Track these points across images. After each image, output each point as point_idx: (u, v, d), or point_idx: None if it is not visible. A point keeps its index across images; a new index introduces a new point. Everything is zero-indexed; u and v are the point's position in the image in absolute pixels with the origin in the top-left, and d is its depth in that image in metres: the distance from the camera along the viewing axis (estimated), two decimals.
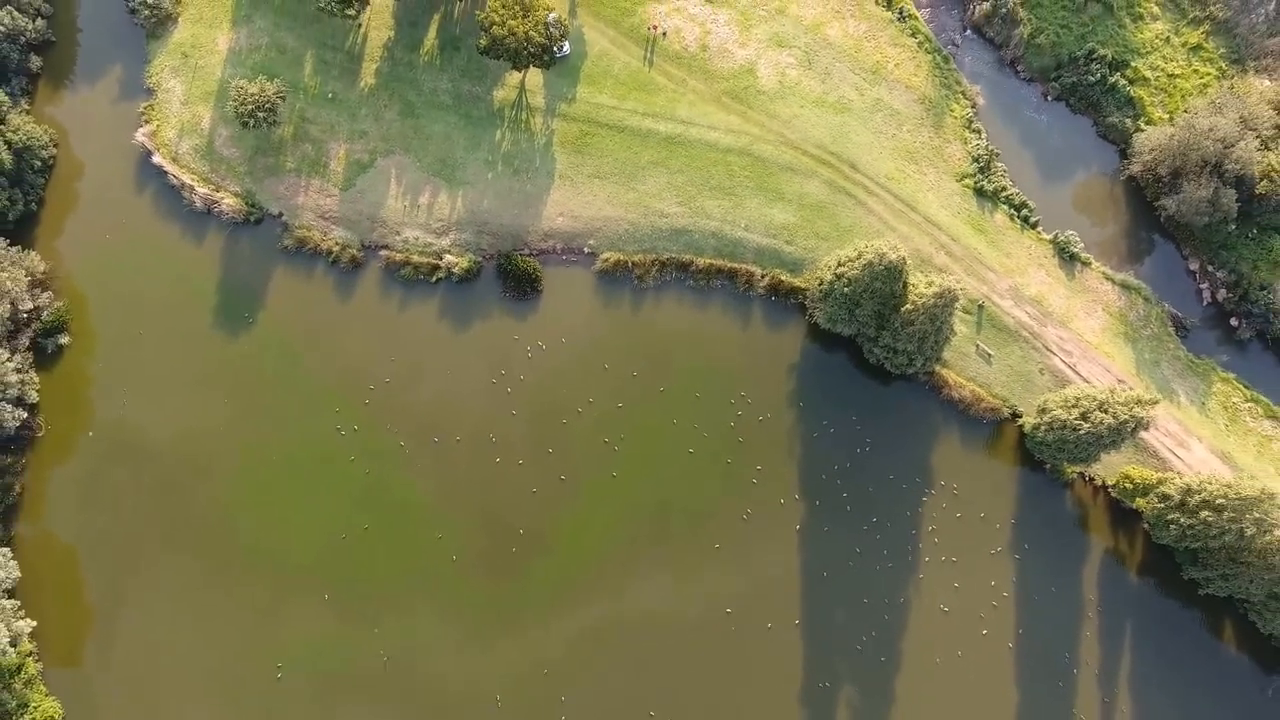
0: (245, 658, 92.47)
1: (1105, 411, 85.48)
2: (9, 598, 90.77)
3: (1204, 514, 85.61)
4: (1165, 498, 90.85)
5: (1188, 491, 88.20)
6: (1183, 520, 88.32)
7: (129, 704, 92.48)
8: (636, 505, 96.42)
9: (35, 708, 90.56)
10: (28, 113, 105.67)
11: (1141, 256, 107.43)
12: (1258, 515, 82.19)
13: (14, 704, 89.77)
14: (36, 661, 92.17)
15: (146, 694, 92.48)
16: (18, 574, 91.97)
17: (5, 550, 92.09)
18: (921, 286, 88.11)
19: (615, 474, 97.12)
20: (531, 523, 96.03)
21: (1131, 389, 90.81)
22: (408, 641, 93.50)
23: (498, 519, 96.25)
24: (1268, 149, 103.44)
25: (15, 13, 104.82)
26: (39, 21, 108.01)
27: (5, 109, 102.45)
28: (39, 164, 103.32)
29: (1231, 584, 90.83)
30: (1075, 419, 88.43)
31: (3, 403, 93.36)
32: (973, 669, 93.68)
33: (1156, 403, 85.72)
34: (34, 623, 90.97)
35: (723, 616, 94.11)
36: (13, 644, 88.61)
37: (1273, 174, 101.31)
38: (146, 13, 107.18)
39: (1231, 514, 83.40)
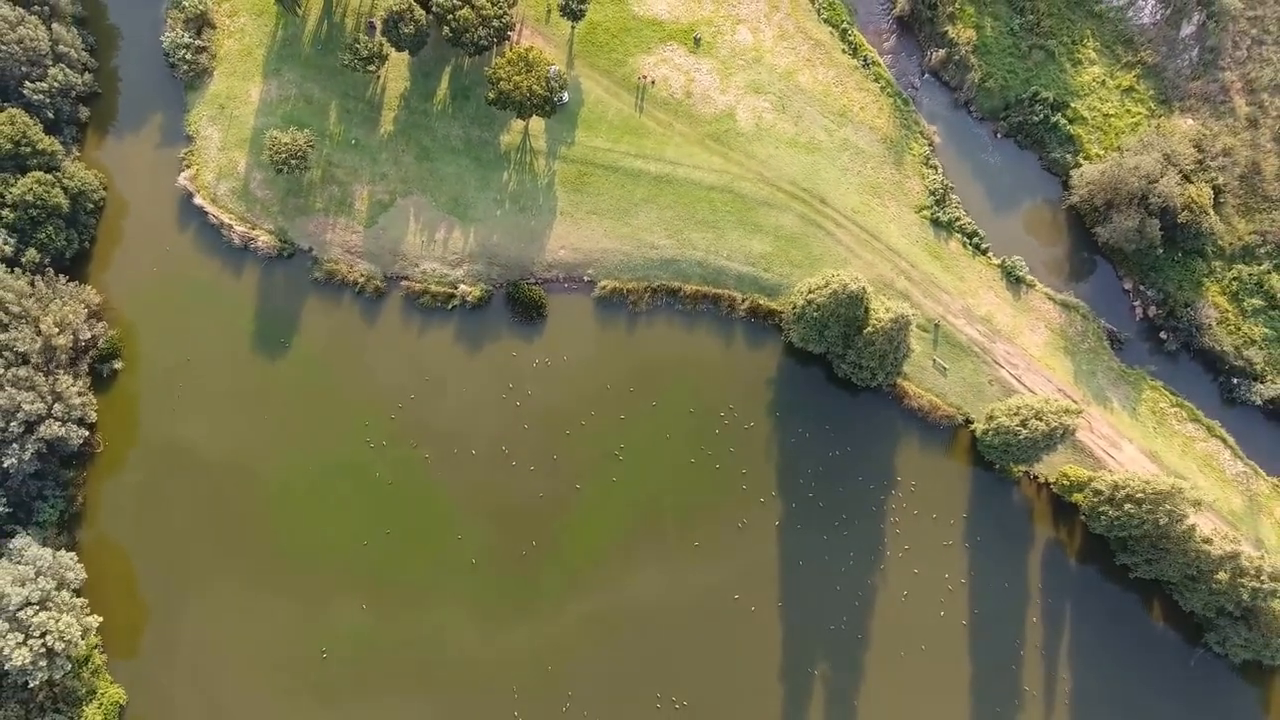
0: (291, 642, 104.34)
1: (1040, 419, 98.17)
2: (77, 596, 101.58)
3: (1127, 506, 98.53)
4: (1097, 493, 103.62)
5: (1115, 487, 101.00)
6: (1111, 512, 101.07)
7: (185, 689, 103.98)
8: (636, 507, 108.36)
9: (102, 694, 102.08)
10: (79, 159, 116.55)
11: (1081, 278, 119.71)
12: (1169, 507, 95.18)
13: (84, 691, 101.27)
14: (102, 653, 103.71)
15: (201, 679, 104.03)
16: (84, 575, 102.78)
17: (72, 554, 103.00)
18: (881, 311, 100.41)
19: (615, 479, 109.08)
20: (542, 525, 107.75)
21: (1064, 399, 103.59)
22: (433, 630, 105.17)
23: (511, 522, 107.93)
24: (1189, 182, 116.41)
25: (67, 69, 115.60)
26: (86, 75, 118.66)
27: (60, 157, 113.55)
28: (91, 206, 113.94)
29: (1155, 567, 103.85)
30: (1017, 425, 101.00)
31: (68, 423, 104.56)
32: (932, 647, 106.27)
33: (1080, 412, 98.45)
34: (100, 618, 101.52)
35: (713, 603, 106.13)
36: (82, 637, 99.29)
37: (1193, 205, 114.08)
38: (185, 67, 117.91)
39: (1149, 506, 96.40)
